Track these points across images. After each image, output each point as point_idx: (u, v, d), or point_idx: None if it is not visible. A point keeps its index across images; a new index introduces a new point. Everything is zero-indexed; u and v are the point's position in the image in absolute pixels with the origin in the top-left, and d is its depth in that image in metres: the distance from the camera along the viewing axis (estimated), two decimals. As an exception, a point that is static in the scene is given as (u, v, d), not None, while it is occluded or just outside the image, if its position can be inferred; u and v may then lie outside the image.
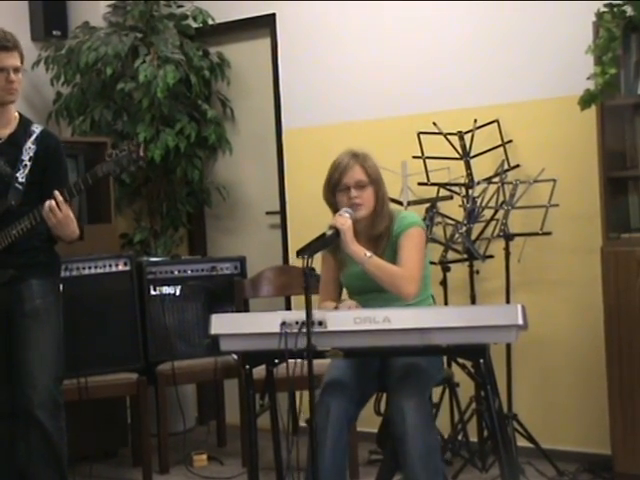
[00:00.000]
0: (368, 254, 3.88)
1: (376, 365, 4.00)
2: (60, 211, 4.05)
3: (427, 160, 5.29)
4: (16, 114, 4.33)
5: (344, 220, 3.88)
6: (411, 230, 3.97)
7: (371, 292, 3.97)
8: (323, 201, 4.12)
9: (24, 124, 4.33)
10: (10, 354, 4.23)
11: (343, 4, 5.90)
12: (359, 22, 5.87)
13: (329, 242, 3.88)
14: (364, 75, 5.87)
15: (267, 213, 6.48)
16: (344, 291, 4.21)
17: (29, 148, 4.24)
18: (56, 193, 4.05)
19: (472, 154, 5.29)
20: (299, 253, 3.63)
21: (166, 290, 5.66)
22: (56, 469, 4.27)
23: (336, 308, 3.92)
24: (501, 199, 5.07)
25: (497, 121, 5.28)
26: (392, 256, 3.96)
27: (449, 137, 5.31)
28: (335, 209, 4.01)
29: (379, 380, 3.98)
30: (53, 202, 4.04)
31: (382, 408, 4.14)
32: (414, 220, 4.04)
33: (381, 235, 4.01)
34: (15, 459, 4.30)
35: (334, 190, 4.00)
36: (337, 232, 3.86)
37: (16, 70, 4.19)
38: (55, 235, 4.22)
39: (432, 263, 5.13)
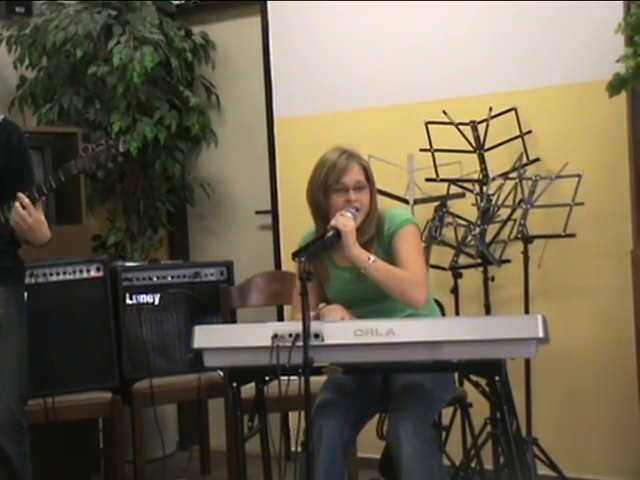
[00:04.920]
0: (372, 258, 3.90)
1: (378, 382, 4.01)
2: (30, 216, 4.04)
3: (436, 153, 5.30)
4: None
5: (347, 220, 3.90)
6: (405, 229, 4.00)
7: (365, 304, 3.99)
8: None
9: None
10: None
11: (342, -22, 5.93)
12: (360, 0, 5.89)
13: (329, 244, 3.89)
14: (365, 58, 5.88)
15: (257, 212, 6.51)
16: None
17: None
18: (21, 196, 4.01)
19: (487, 146, 5.30)
20: (295, 255, 3.67)
21: (144, 299, 5.66)
22: (18, 500, 4.27)
23: (317, 316, 3.90)
24: (519, 197, 5.07)
25: (515, 109, 5.28)
26: (384, 259, 3.96)
27: (461, 127, 5.31)
28: (323, 212, 4.04)
29: (381, 400, 3.99)
30: (20, 208, 4.03)
31: (385, 431, 4.15)
32: (406, 217, 4.08)
33: (371, 239, 4.03)
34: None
35: (327, 190, 4.02)
36: (337, 233, 3.87)
37: None
38: (23, 240, 4.21)
39: (441, 269, 5.16)
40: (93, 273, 5.49)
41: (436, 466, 3.74)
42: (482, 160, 5.29)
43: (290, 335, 3.59)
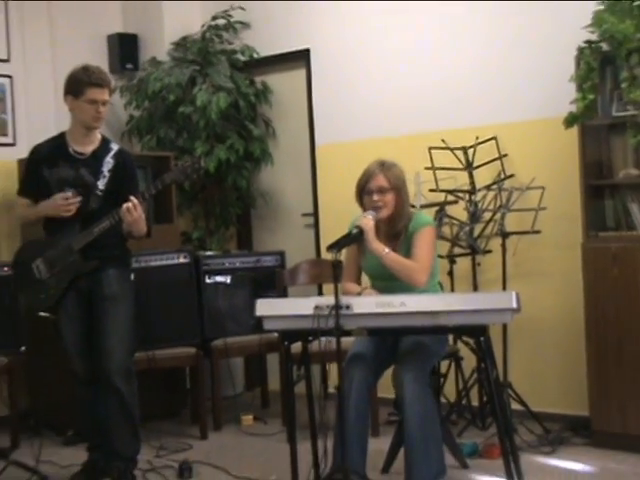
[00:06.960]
0: (386, 250, 3.90)
1: (391, 342, 4.01)
2: (136, 211, 4.11)
3: (437, 171, 5.29)
4: (99, 135, 4.40)
5: (367, 221, 3.91)
6: (424, 229, 3.99)
7: (387, 279, 3.98)
8: (350, 205, 4.15)
9: (105, 142, 4.40)
10: (92, 330, 4.30)
11: (366, 41, 5.92)
12: (380, 54, 5.87)
13: (354, 239, 3.91)
14: (385, 99, 5.86)
15: (303, 215, 6.49)
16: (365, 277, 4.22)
17: (108, 162, 4.31)
18: (131, 197, 4.12)
19: (474, 165, 5.29)
20: (329, 248, 3.66)
21: (219, 279, 5.68)
22: (130, 425, 4.34)
23: (359, 294, 3.94)
24: (498, 203, 5.06)
25: (495, 138, 5.27)
26: (407, 250, 3.97)
27: (455, 151, 5.31)
28: (363, 208, 4.04)
29: (393, 354, 3.99)
30: (130, 204, 4.10)
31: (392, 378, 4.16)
32: (427, 220, 4.07)
33: (399, 232, 4.03)
34: (97, 416, 4.38)
35: (361, 193, 4.03)
36: (361, 231, 3.88)
37: (104, 103, 4.26)
38: (127, 232, 4.27)
39: (440, 257, 5.15)
40: (182, 260, 5.52)
41: (429, 403, 3.76)
42: (471, 176, 5.28)
43: (327, 306, 3.58)
